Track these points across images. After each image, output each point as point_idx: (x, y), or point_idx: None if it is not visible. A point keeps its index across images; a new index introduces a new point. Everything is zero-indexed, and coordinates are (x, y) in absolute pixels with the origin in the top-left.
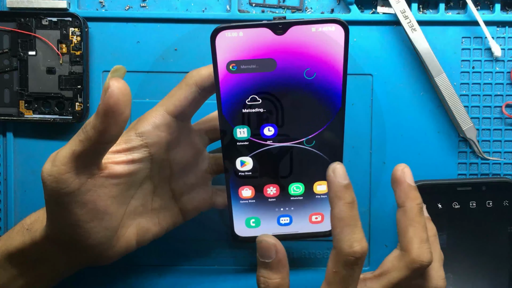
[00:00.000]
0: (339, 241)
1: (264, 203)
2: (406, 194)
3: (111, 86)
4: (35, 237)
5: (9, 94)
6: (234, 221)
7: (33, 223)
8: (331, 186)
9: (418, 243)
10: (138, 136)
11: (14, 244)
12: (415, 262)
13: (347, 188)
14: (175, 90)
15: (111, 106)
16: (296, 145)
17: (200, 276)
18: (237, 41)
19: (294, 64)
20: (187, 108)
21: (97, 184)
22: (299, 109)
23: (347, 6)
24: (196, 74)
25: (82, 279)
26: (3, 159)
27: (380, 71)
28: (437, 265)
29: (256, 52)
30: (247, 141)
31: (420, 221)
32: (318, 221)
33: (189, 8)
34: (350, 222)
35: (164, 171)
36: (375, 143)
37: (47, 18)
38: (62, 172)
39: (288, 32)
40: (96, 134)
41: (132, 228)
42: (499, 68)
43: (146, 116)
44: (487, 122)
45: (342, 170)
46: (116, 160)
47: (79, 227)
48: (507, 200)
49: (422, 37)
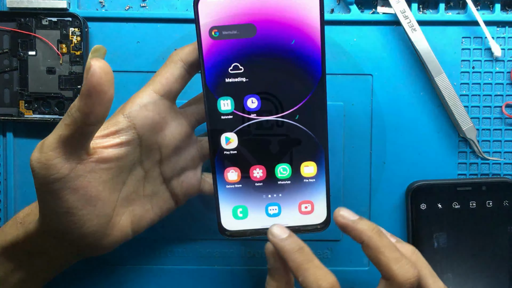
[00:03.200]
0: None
1: (251, 188)
2: (357, 230)
3: (92, 65)
4: (29, 230)
5: (9, 94)
6: (220, 211)
7: (26, 217)
8: (277, 247)
9: (396, 264)
10: (126, 117)
11: (8, 238)
12: (403, 284)
13: (288, 240)
14: (161, 69)
15: (94, 86)
16: (280, 119)
17: (199, 276)
18: (218, 6)
19: (274, 29)
20: (173, 85)
21: (87, 170)
22: (280, 78)
23: (347, 6)
24: (181, 50)
25: (79, 279)
26: (3, 159)
27: (380, 71)
28: (432, 279)
29: (237, 17)
30: (231, 114)
31: (384, 244)
32: (308, 211)
33: (189, 8)
34: (307, 265)
35: (153, 155)
36: (375, 143)
37: (47, 18)
38: (51, 158)
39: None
40: (81, 116)
41: (126, 216)
42: (499, 68)
43: (133, 97)
44: (487, 122)
45: (277, 228)
46: (105, 144)
47: (71, 215)
48: (507, 200)
49: (422, 37)
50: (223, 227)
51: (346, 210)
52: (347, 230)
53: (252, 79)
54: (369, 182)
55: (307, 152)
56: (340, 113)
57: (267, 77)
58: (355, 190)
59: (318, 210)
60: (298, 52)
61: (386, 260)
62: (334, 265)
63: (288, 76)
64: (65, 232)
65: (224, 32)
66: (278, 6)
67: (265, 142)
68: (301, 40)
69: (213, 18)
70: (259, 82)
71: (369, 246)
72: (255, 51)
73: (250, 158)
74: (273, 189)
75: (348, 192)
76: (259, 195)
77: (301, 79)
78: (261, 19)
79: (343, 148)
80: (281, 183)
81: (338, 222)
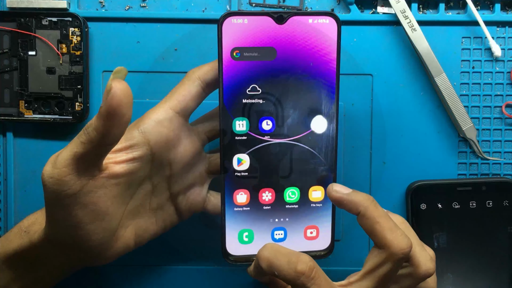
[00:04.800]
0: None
1: (259, 212)
2: (352, 202)
3: (113, 87)
4: (33, 239)
5: (9, 94)
6: (226, 234)
7: (31, 225)
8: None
9: (390, 234)
10: (140, 132)
11: (12, 246)
12: (396, 253)
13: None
14: (178, 86)
15: (113, 108)
16: (293, 142)
17: (200, 276)
18: (241, 28)
19: (293, 54)
20: (189, 103)
21: (98, 185)
22: (296, 102)
23: (347, 6)
24: (198, 69)
25: (81, 280)
26: (3, 159)
27: (380, 71)
28: (419, 248)
29: (259, 40)
30: (245, 135)
31: (380, 213)
32: (313, 236)
33: (189, 8)
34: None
35: (163, 170)
36: (375, 143)
37: (47, 18)
38: (64, 174)
39: (288, 22)
40: (98, 136)
41: (130, 228)
42: (499, 68)
43: (148, 113)
44: (487, 122)
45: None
46: (117, 159)
47: (80, 229)
48: (507, 200)
49: (422, 37)
50: (227, 251)
51: (339, 185)
52: (343, 203)
53: (269, 101)
54: (369, 182)
55: (316, 177)
56: (340, 113)
57: (283, 100)
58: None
59: (323, 236)
60: (314, 78)
61: (381, 229)
62: (334, 265)
63: (304, 100)
64: (71, 244)
65: (245, 54)
66: (298, 32)
67: (276, 165)
68: (318, 66)
69: (236, 39)
70: (275, 105)
71: (365, 215)
72: (273, 74)
73: (260, 180)
74: (281, 213)
75: None
76: (267, 219)
77: (315, 105)
78: (281, 43)
79: (343, 148)
80: (289, 207)
81: (333, 197)
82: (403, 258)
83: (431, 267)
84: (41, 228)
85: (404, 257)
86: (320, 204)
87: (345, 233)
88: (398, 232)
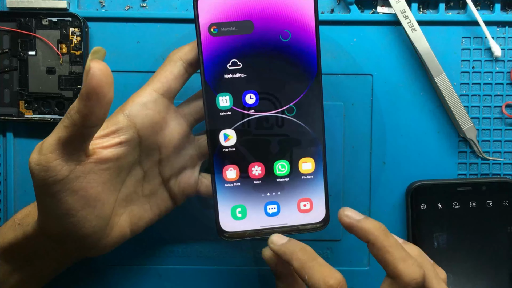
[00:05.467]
0: (314, 285)
1: (250, 187)
2: (363, 230)
3: (92, 68)
4: (28, 232)
5: (9, 94)
6: (219, 211)
7: (24, 218)
8: (279, 253)
9: (402, 263)
10: (126, 116)
11: (7, 239)
12: (409, 284)
13: (289, 243)
14: (160, 68)
15: (94, 88)
16: (278, 115)
17: (200, 276)
18: (217, 4)
19: (270, 25)
20: (173, 84)
21: (86, 171)
22: (277, 73)
23: (347, 6)
24: (179, 50)
25: (79, 279)
26: (3, 159)
27: (380, 71)
28: (436, 281)
29: (235, 14)
30: (229, 110)
31: (391, 242)
32: (307, 209)
33: (189, 8)
34: (310, 263)
35: (153, 155)
36: (375, 143)
37: (47, 18)
38: (50, 160)
39: None
40: (80, 118)
41: (124, 216)
42: (499, 68)
43: (132, 96)
44: (487, 122)
45: (276, 236)
46: (104, 144)
47: (71, 216)
48: (507, 200)
49: (422, 37)
50: (222, 228)
51: (351, 210)
52: (352, 230)
53: (250, 75)
54: (369, 182)
55: (305, 148)
56: (340, 113)
57: (265, 73)
58: (355, 190)
59: (317, 208)
60: (294, 48)
61: (393, 259)
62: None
63: (285, 71)
64: (64, 233)
65: (222, 29)
66: (274, 2)
67: (263, 139)
68: (297, 36)
69: (212, 15)
70: (257, 78)
71: (375, 245)
72: (252, 47)
73: (248, 155)
74: (272, 187)
75: (348, 192)
76: (258, 194)
77: (297, 75)
78: (258, 15)
79: (343, 148)
80: (280, 181)
81: (344, 222)
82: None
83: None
84: (34, 220)
85: (416, 287)
86: (311, 176)
87: (345, 233)
88: (410, 261)
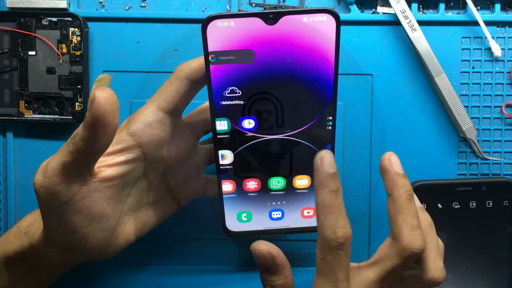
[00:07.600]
0: (323, 227)
1: (252, 198)
2: (394, 182)
3: (97, 97)
4: (33, 241)
5: (9, 94)
6: (225, 215)
7: (29, 226)
8: (317, 174)
9: (408, 230)
10: (130, 135)
11: (12, 248)
12: (406, 250)
13: (332, 177)
14: (166, 85)
15: (98, 118)
16: (280, 137)
17: (200, 276)
18: (220, 32)
19: (276, 55)
20: (179, 103)
21: (91, 190)
22: (278, 101)
23: (347, 6)
24: (186, 67)
25: (80, 279)
26: (3, 159)
27: (380, 71)
28: (433, 255)
29: (238, 43)
30: (227, 133)
31: (409, 208)
32: (310, 215)
33: (189, 8)
34: (334, 209)
35: (158, 167)
36: (375, 143)
37: (47, 18)
38: (54, 184)
39: (280, 22)
40: (85, 145)
41: (129, 224)
42: (499, 68)
43: (138, 114)
44: (487, 122)
45: (330, 158)
46: (109, 163)
47: (76, 233)
48: (507, 200)
49: (422, 37)
50: (228, 228)
51: (397, 159)
52: (385, 175)
53: (250, 102)
54: (369, 182)
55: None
56: (340, 113)
57: (266, 100)
58: (355, 190)
59: None
60: (303, 76)
61: (402, 222)
62: None
63: (293, 100)
64: (70, 246)
65: (221, 58)
66: (290, 31)
67: (261, 161)
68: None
69: (215, 43)
70: (257, 104)
71: (395, 202)
72: (253, 76)
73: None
74: (277, 198)
75: (348, 192)
76: (264, 202)
77: (309, 103)
78: (265, 44)
79: (343, 148)
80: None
81: (383, 163)
82: (411, 256)
83: (440, 276)
84: (39, 229)
85: (412, 255)
86: (307, 191)
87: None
88: (417, 232)
